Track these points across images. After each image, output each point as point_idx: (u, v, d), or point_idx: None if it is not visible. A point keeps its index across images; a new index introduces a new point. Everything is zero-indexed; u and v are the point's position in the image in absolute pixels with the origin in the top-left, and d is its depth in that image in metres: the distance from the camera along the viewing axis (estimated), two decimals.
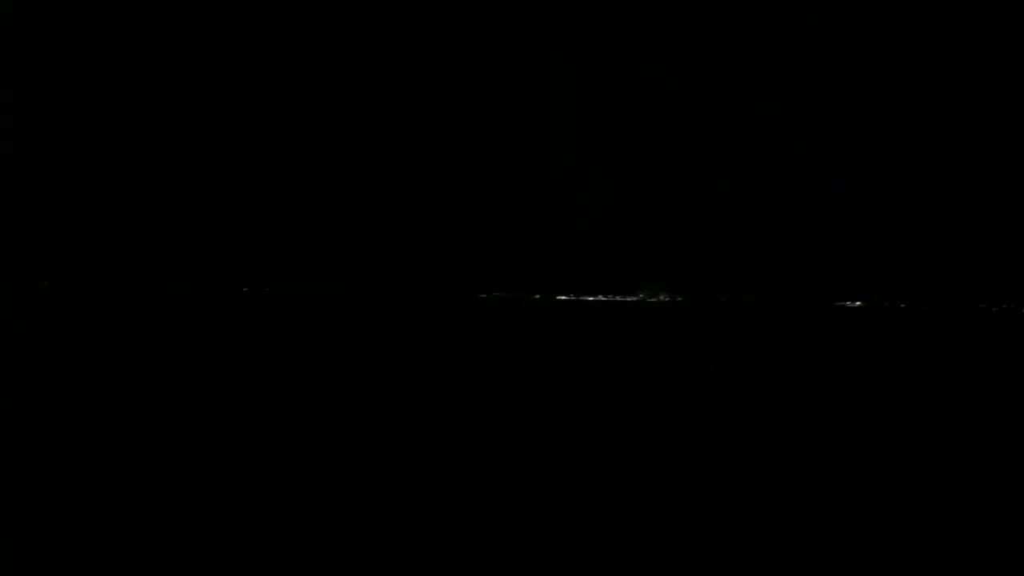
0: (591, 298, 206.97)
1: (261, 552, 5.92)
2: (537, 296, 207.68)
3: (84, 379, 15.74)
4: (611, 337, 36.86)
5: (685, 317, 77.66)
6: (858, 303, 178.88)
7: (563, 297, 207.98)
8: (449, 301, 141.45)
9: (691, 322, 62.63)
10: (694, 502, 7.29)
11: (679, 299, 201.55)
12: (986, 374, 21.12)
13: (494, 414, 12.20)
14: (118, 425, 10.54)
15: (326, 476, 8.06)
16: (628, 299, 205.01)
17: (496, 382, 16.93)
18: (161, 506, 6.88)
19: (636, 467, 8.66)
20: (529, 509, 6.99)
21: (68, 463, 8.38)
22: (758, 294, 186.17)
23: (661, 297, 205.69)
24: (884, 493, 7.71)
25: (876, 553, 6.10)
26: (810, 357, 26.27)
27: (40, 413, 11.44)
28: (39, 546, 5.96)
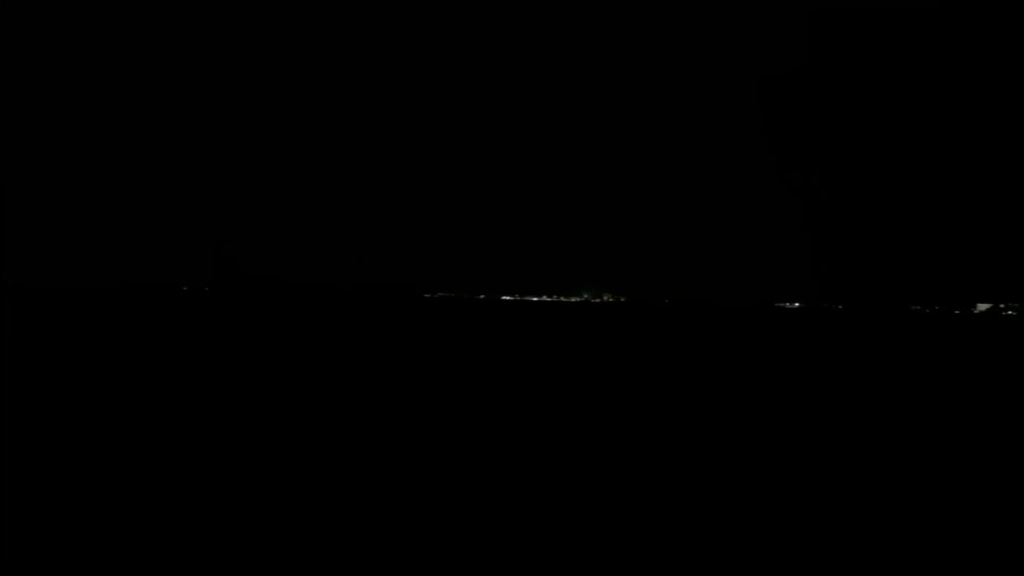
0: (535, 299, 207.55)
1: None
2: (482, 296, 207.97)
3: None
4: (549, 338, 36.71)
5: (626, 317, 78.04)
6: (796, 304, 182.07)
7: (507, 297, 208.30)
8: (392, 299, 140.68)
9: (632, 322, 62.91)
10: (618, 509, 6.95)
11: (622, 300, 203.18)
12: (906, 376, 21.31)
13: (422, 414, 11.97)
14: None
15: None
16: (571, 300, 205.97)
17: (427, 382, 16.54)
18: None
19: (572, 468, 8.49)
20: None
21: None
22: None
23: (605, 298, 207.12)
24: (804, 498, 7.48)
25: (829, 557, 5.93)
26: (729, 356, 26.36)
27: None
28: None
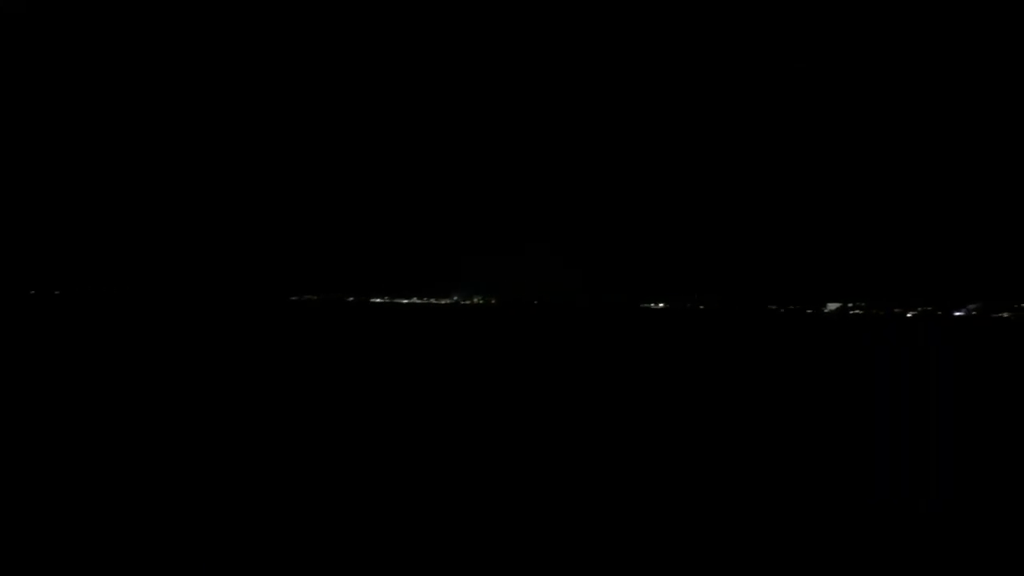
0: (405, 300, 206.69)
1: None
2: (351, 299, 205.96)
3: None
4: (419, 340, 36.35)
5: (496, 319, 78.61)
6: (661, 304, 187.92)
7: (378, 300, 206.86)
8: (260, 303, 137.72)
9: (502, 324, 63.29)
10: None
11: (493, 301, 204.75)
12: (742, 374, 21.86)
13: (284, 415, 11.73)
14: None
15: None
16: (442, 301, 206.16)
17: (288, 384, 16.00)
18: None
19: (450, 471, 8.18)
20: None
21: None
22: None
23: (475, 300, 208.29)
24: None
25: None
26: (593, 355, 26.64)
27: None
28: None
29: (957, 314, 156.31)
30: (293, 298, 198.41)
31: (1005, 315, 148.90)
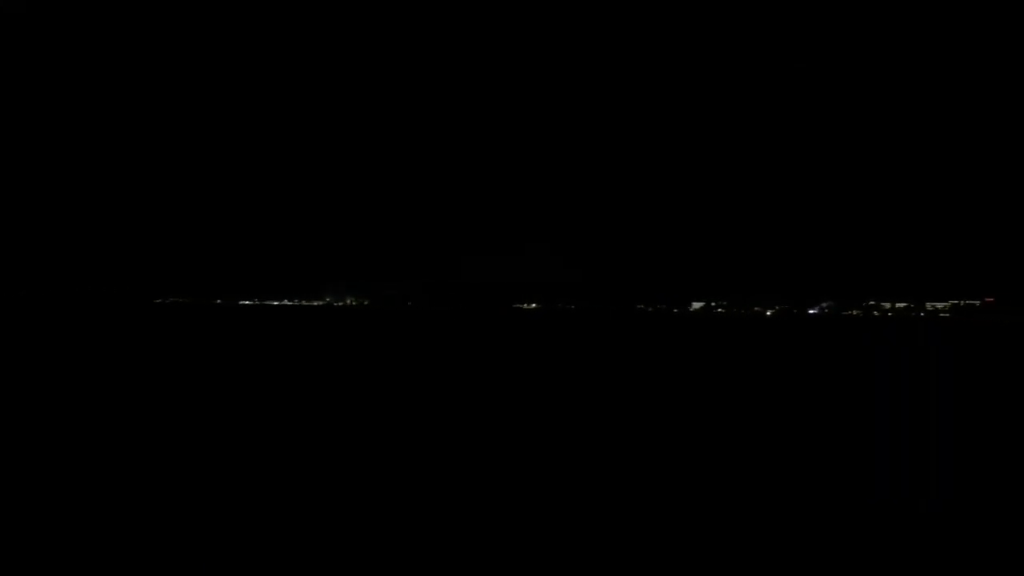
0: (275, 302, 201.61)
1: None
2: (219, 300, 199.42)
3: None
4: (292, 341, 35.47)
5: (365, 320, 77.63)
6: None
7: (247, 302, 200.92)
8: (126, 306, 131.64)
9: (369, 325, 62.52)
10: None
11: (365, 302, 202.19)
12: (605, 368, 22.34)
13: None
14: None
15: None
16: (313, 303, 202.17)
17: (149, 385, 15.55)
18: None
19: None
20: None
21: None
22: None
23: (348, 301, 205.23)
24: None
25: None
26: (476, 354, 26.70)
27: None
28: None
29: (812, 312, 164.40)
30: (157, 300, 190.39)
31: (854, 312, 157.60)
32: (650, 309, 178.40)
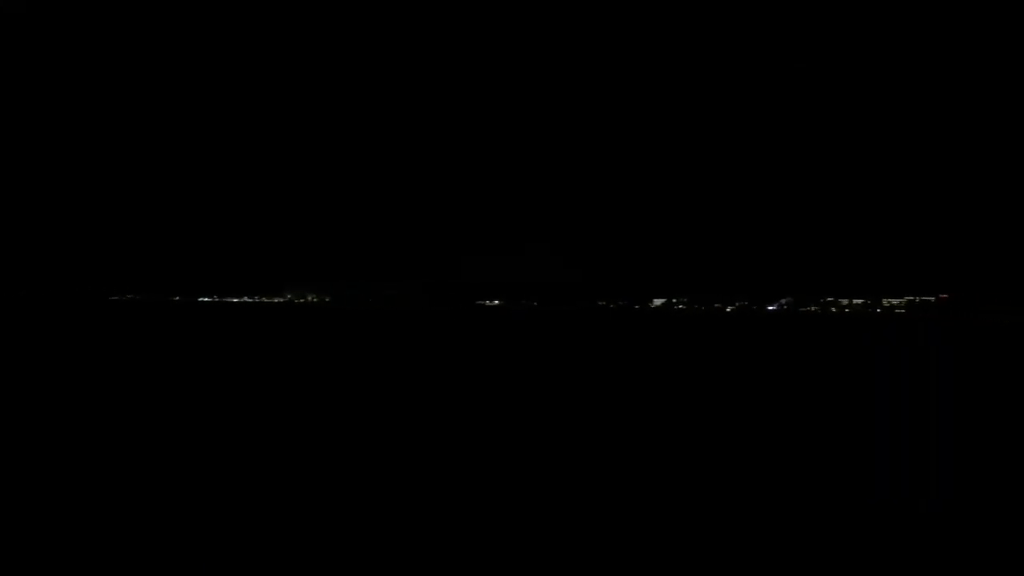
0: (235, 299, 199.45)
1: None
2: (177, 298, 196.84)
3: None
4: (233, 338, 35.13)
5: (327, 318, 77.30)
6: (496, 301, 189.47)
7: (205, 299, 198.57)
8: (78, 304, 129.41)
9: (333, 322, 62.20)
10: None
11: (327, 300, 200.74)
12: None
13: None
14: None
15: None
16: (274, 300, 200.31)
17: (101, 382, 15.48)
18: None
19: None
20: None
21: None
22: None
23: (310, 298, 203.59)
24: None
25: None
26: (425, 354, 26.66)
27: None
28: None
29: (770, 308, 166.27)
30: (113, 298, 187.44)
31: (812, 309, 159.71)
32: (611, 306, 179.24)
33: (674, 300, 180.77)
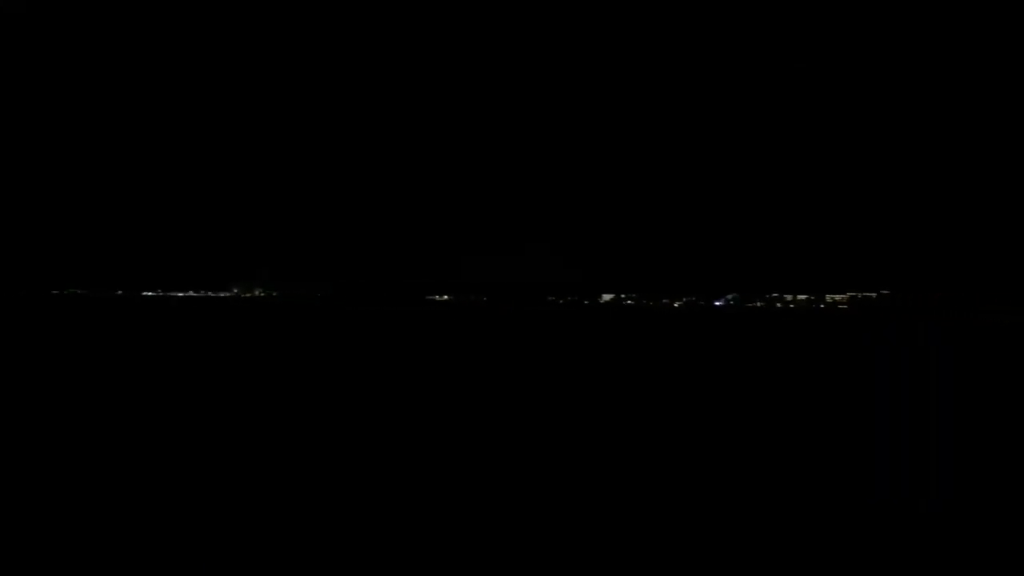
0: (180, 294, 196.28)
1: None
2: (119, 292, 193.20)
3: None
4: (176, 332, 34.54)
5: (270, 313, 76.38)
6: (445, 296, 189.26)
7: (149, 293, 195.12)
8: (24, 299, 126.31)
9: (278, 317, 61.48)
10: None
11: (274, 294, 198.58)
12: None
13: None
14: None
15: None
16: (221, 295, 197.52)
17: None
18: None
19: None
20: None
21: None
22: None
23: (257, 292, 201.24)
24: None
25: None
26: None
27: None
28: None
29: (717, 303, 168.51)
30: (55, 292, 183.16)
31: (758, 304, 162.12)
32: (560, 301, 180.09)
33: (623, 296, 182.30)
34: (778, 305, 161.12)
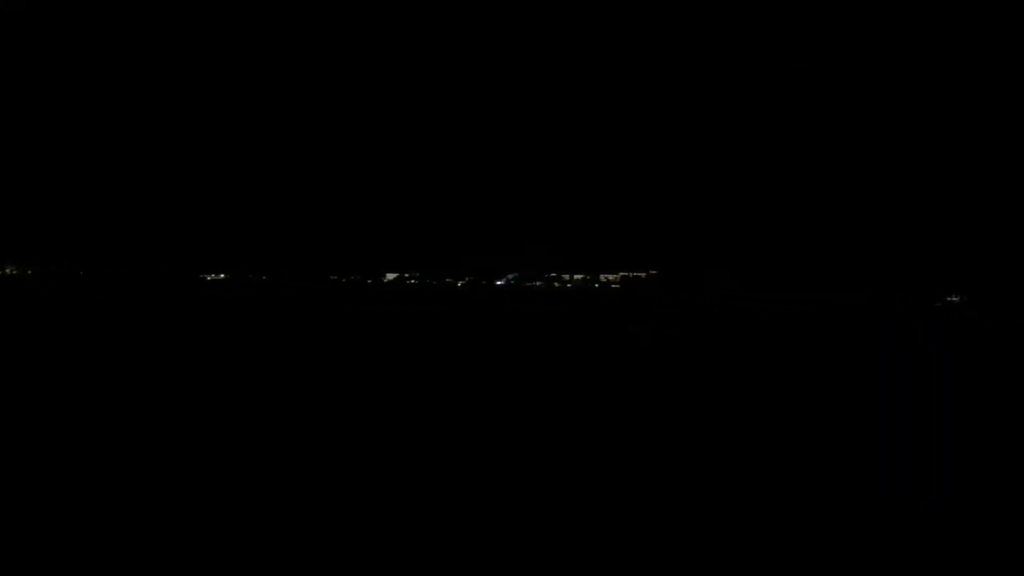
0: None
1: None
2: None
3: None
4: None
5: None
6: (221, 275, 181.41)
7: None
8: None
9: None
10: None
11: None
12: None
13: None
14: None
15: None
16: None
17: None
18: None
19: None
20: None
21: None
22: None
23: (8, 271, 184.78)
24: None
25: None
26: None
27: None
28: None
29: (499, 283, 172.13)
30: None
31: (537, 284, 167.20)
32: (343, 280, 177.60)
33: (406, 275, 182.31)
34: (556, 285, 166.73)
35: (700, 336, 29.23)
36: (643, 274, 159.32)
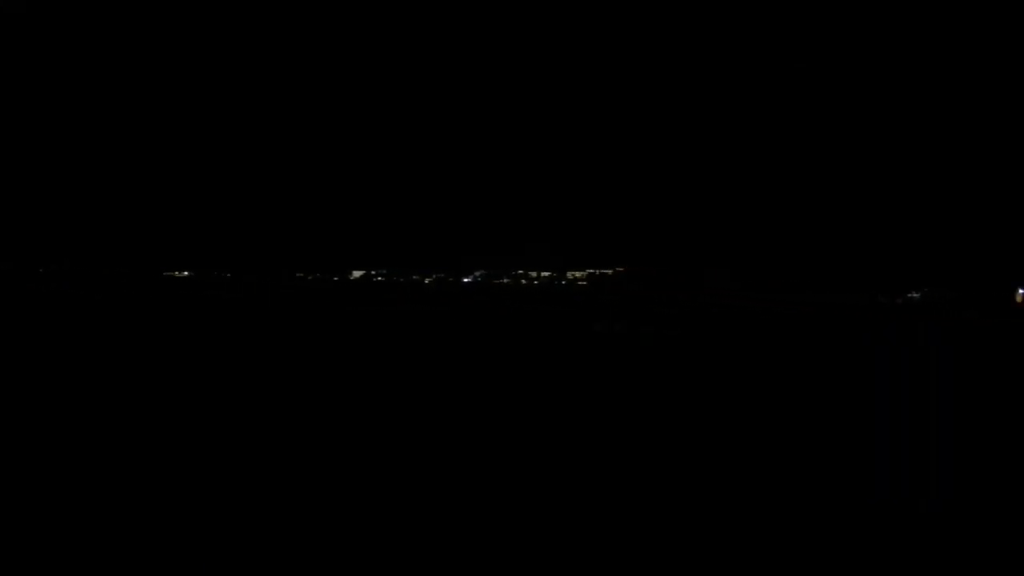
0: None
1: None
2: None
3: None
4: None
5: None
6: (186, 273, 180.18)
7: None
8: None
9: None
10: None
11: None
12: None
13: None
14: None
15: None
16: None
17: None
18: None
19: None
20: None
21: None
22: None
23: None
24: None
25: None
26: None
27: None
28: None
29: (466, 280, 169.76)
30: None
31: (504, 281, 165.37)
32: (309, 277, 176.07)
33: (372, 272, 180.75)
34: (523, 282, 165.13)
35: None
36: (610, 271, 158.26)
